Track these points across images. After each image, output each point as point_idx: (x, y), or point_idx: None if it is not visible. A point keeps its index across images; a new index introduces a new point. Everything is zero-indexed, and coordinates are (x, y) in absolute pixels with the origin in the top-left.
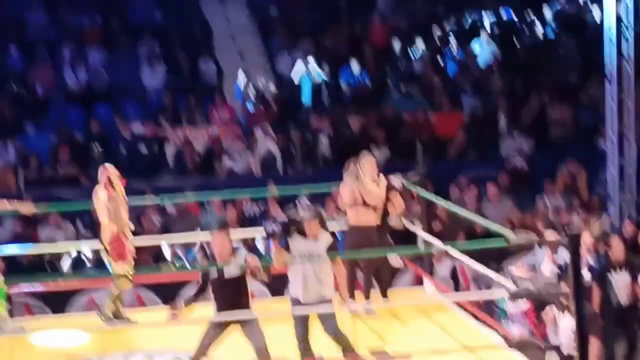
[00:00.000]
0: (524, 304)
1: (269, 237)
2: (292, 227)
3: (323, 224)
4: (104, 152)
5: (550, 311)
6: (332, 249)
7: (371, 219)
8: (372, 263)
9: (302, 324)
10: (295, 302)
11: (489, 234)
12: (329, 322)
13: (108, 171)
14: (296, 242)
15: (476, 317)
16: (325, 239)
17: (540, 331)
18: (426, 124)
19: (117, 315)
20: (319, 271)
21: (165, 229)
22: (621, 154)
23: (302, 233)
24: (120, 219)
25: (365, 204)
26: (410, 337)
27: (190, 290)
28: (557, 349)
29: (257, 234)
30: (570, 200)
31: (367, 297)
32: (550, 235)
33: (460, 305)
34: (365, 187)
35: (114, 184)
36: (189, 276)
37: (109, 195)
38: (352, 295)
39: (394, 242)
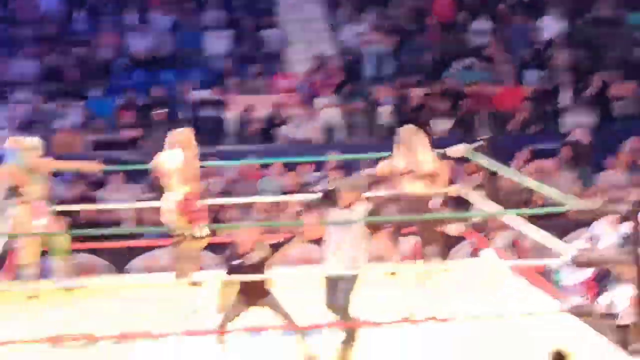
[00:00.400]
0: (583, 274)
1: (306, 208)
2: (330, 199)
3: (359, 194)
4: (166, 117)
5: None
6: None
7: (421, 188)
8: (423, 232)
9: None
10: None
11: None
12: (343, 292)
13: (185, 134)
14: (331, 213)
15: (534, 286)
16: (361, 209)
17: (598, 303)
18: (488, 97)
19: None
20: (352, 241)
21: (225, 193)
22: None
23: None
24: (195, 180)
25: (415, 174)
26: (468, 302)
27: None
28: (616, 317)
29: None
30: (632, 177)
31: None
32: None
33: (519, 275)
34: (416, 157)
35: (191, 147)
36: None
37: (187, 157)
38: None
39: (453, 210)
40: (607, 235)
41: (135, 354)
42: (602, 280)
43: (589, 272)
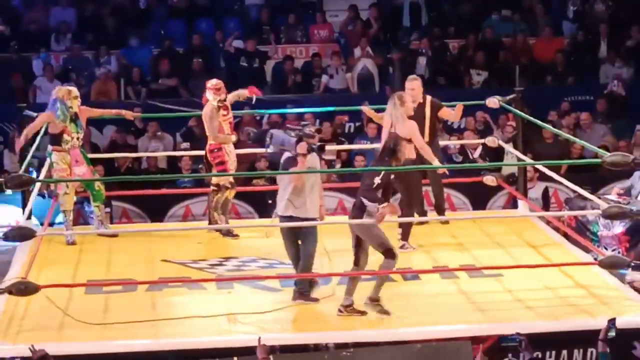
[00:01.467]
0: (616, 228)
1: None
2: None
3: (282, 145)
4: (204, 66)
5: None
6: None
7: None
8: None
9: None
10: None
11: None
12: (308, 243)
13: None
14: (310, 160)
15: (568, 238)
16: (311, 161)
17: (631, 255)
18: (526, 49)
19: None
20: (311, 189)
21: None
22: None
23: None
24: (221, 131)
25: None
26: (501, 253)
27: None
28: None
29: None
30: None
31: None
32: None
33: (552, 227)
34: (398, 118)
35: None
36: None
37: (213, 108)
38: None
39: (489, 160)
40: None
41: (173, 299)
42: (634, 234)
43: (621, 226)
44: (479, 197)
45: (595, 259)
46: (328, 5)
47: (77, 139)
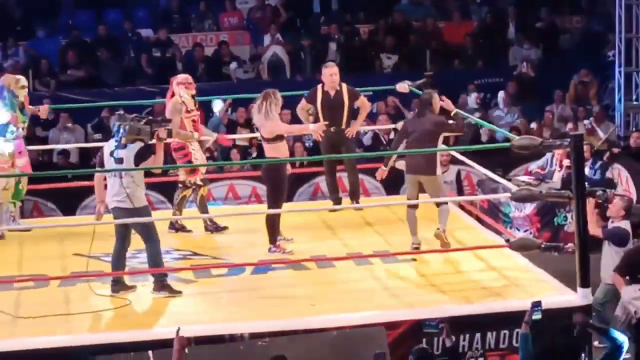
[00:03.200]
0: (527, 208)
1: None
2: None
3: (138, 134)
4: (113, 56)
5: None
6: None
7: (269, 152)
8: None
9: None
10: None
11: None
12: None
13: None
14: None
15: (480, 221)
16: (135, 149)
17: (543, 236)
18: (435, 32)
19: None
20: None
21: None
22: (628, 63)
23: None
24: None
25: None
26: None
27: None
28: (557, 248)
29: None
30: (577, 110)
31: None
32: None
33: (465, 210)
34: (264, 113)
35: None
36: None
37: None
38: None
39: None
40: (556, 170)
41: (86, 293)
42: (545, 214)
43: (532, 206)
44: (392, 182)
45: (507, 241)
46: None
47: (23, 128)
